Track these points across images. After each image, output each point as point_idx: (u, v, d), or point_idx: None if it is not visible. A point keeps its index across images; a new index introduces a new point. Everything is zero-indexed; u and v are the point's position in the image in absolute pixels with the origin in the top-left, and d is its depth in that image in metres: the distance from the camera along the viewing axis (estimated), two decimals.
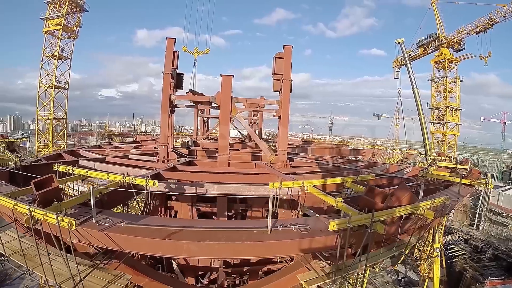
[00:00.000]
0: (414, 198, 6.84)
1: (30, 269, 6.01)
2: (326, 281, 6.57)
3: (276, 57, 13.16)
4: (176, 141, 25.37)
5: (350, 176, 10.11)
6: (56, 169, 9.07)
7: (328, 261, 7.34)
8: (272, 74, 13.34)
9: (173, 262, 14.02)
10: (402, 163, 27.15)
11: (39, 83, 34.15)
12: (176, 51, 13.36)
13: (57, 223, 4.73)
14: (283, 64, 13.01)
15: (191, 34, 40.31)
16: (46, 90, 34.34)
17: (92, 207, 5.65)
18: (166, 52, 12.92)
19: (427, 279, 37.48)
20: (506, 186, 55.39)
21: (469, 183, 9.97)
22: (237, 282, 13.99)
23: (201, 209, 13.95)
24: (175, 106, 13.87)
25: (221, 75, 12.48)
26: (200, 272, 14.29)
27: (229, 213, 13.71)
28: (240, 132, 25.62)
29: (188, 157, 14.10)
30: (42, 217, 4.92)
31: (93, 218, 5.63)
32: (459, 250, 43.98)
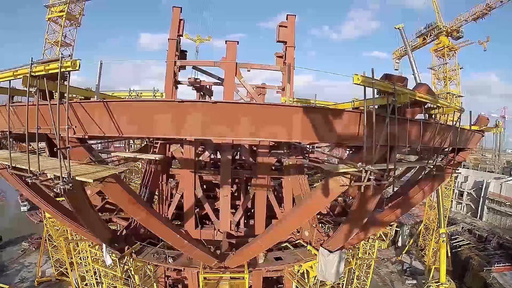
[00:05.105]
0: (431, 92, 6.71)
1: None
2: (357, 171, 5.91)
3: (279, 26, 13.29)
4: None
5: None
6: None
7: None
8: (276, 42, 13.56)
9: None
10: None
11: None
12: (182, 19, 13.38)
13: (60, 65, 4.74)
14: (287, 32, 13.17)
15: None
16: None
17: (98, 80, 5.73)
18: (172, 20, 12.93)
19: (432, 268, 37.22)
20: (508, 177, 55.27)
21: (479, 129, 9.83)
22: None
23: (203, 177, 13.84)
24: (178, 82, 13.87)
25: (226, 42, 12.50)
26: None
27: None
28: None
29: None
30: (43, 67, 4.98)
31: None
32: (463, 240, 43.75)
